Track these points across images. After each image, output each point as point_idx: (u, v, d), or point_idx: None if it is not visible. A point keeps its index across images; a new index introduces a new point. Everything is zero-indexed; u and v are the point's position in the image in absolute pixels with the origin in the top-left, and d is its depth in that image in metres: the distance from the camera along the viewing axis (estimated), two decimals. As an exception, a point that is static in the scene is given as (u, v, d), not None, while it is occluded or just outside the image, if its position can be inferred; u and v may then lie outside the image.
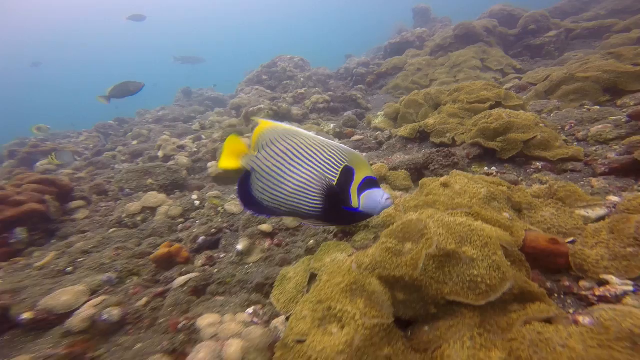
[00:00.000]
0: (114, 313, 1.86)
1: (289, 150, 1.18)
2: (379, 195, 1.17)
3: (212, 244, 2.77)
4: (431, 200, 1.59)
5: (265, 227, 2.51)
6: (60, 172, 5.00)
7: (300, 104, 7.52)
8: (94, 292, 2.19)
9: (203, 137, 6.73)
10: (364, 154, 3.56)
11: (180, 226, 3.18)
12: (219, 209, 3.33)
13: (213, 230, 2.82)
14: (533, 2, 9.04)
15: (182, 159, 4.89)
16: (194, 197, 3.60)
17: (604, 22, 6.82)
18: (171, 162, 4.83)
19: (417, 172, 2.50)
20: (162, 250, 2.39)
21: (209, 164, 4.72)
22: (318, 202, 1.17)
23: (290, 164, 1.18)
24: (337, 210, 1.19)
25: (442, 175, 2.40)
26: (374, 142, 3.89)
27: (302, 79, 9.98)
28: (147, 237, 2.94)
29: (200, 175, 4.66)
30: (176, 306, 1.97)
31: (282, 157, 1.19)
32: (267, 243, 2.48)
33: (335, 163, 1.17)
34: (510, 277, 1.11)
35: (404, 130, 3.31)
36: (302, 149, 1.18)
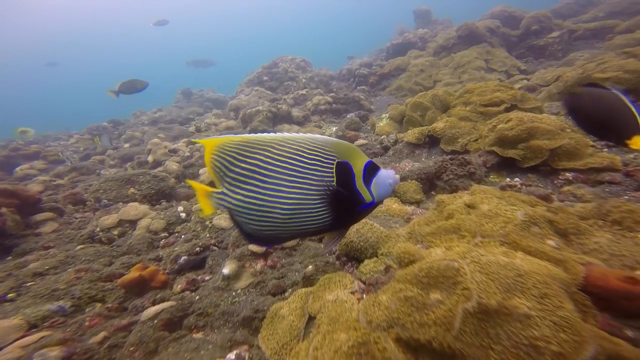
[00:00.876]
0: (50, 355, 1.50)
1: (260, 167, 0.98)
2: (387, 178, 1.04)
3: (197, 264, 2.44)
4: (454, 225, 1.27)
5: (255, 247, 2.18)
6: (35, 179, 4.65)
7: (301, 105, 7.22)
8: (33, 326, 1.81)
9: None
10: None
11: (162, 241, 2.85)
12: (207, 222, 3.01)
13: (198, 248, 2.48)
14: (531, 5, 8.84)
15: (172, 164, 4.56)
16: (180, 208, 3.26)
17: (606, 23, 6.60)
18: (159, 169, 4.50)
19: (429, 182, 2.19)
20: (133, 273, 2.05)
21: (201, 171, 4.39)
22: (325, 212, 0.99)
23: (269, 185, 0.98)
24: (351, 213, 1.04)
25: (457, 187, 2.08)
26: (379, 146, 3.58)
27: (303, 80, 9.71)
28: (122, 255, 2.60)
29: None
30: (140, 345, 1.63)
31: (254, 181, 0.98)
32: (259, 264, 2.15)
33: (325, 162, 0.99)
34: (589, 338, 0.79)
35: (411, 135, 3.00)
36: (276, 159, 0.98)
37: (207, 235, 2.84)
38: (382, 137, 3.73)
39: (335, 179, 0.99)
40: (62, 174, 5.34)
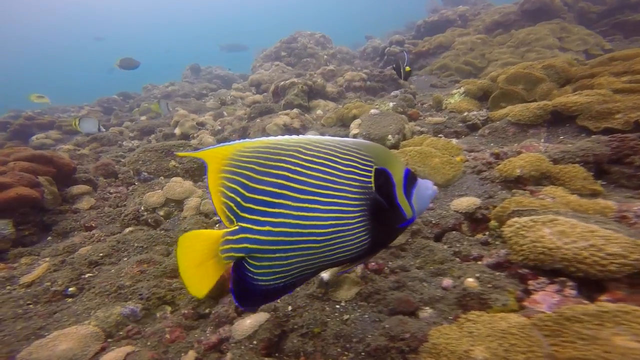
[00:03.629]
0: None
1: (289, 179, 0.74)
2: (426, 189, 0.90)
3: None
4: None
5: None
6: (59, 148, 4.17)
7: (330, 81, 6.60)
8: (110, 336, 1.40)
9: (225, 113, 5.88)
10: (454, 140, 2.69)
11: (217, 226, 2.37)
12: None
13: None
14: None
15: (207, 137, 4.04)
16: None
17: None
18: (194, 141, 3.99)
19: (596, 168, 1.65)
20: (210, 270, 1.56)
21: None
22: (364, 232, 0.80)
23: (302, 203, 0.75)
24: (390, 231, 0.87)
25: None
26: (461, 125, 3.02)
27: (325, 57, 9.15)
28: (177, 242, 2.11)
29: None
30: (246, 378, 1.16)
31: (284, 200, 0.74)
32: (359, 267, 1.65)
33: (362, 168, 0.80)
34: None
35: (523, 111, 2.43)
36: (306, 167, 0.76)
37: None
38: (464, 114, 3.16)
39: (374, 187, 0.81)
40: (83, 144, 4.84)
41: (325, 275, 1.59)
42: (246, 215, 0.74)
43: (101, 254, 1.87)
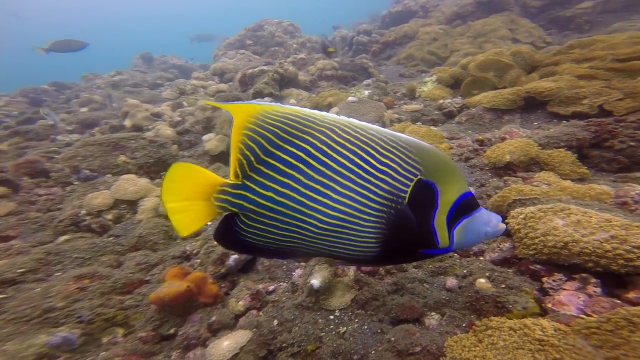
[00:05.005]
0: None
1: (311, 155, 0.70)
2: (484, 225, 0.74)
3: (247, 265, 1.72)
4: None
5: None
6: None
7: (302, 70, 6.33)
8: None
9: (185, 103, 5.33)
10: (433, 128, 2.62)
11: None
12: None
13: None
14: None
15: (165, 129, 3.58)
16: None
17: None
18: (149, 134, 3.49)
19: (579, 152, 1.65)
20: (175, 284, 1.29)
21: (205, 137, 3.48)
22: (374, 239, 0.73)
23: (314, 183, 0.70)
24: (409, 253, 0.77)
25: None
26: (437, 112, 2.98)
27: (294, 46, 8.87)
28: (130, 249, 1.78)
29: (192, 152, 3.43)
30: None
31: (297, 173, 0.70)
32: (351, 269, 1.49)
33: (402, 171, 0.71)
34: None
35: (498, 98, 2.43)
36: (335, 148, 0.70)
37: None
38: (440, 101, 3.13)
39: (408, 199, 0.72)
40: (1, 138, 4.03)
41: (315, 281, 1.39)
42: (254, 176, 0.72)
43: (21, 270, 1.48)
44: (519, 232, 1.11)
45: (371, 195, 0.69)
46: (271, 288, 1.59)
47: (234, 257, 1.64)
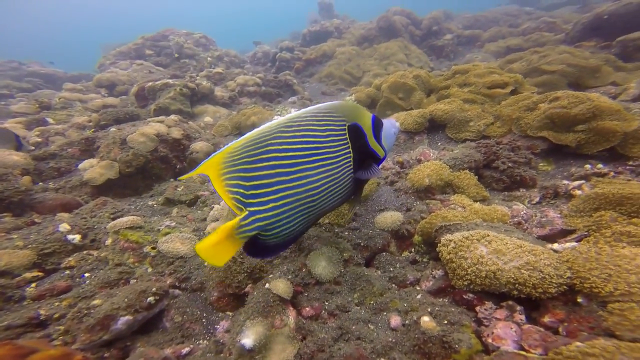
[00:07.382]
0: None
1: (279, 158, 0.94)
2: (391, 128, 1.17)
3: (147, 325, 1.38)
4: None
5: (280, 285, 1.35)
6: None
7: (219, 85, 5.88)
8: None
9: (50, 120, 4.25)
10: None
11: (32, 288, 1.57)
12: (146, 249, 1.84)
13: (150, 297, 1.42)
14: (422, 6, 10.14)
15: (12, 156, 2.71)
16: (65, 227, 1.95)
17: (474, 32, 8.24)
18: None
19: (476, 172, 1.88)
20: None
21: (84, 164, 2.80)
22: (349, 179, 1.06)
23: (295, 175, 0.95)
24: (369, 172, 1.09)
25: (521, 177, 1.82)
26: (358, 133, 3.09)
27: (209, 59, 8.31)
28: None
29: (61, 183, 2.72)
30: None
31: (279, 177, 0.94)
32: (291, 317, 1.33)
33: (338, 129, 1.02)
34: None
35: (408, 119, 2.66)
36: (291, 142, 0.95)
37: (152, 270, 1.75)
38: (358, 122, 3.26)
39: (349, 143, 1.03)
40: None
41: (247, 340, 1.17)
42: (251, 201, 0.93)
43: None
44: (451, 261, 1.15)
45: (332, 154, 0.98)
46: (185, 351, 1.29)
47: (124, 319, 1.28)
